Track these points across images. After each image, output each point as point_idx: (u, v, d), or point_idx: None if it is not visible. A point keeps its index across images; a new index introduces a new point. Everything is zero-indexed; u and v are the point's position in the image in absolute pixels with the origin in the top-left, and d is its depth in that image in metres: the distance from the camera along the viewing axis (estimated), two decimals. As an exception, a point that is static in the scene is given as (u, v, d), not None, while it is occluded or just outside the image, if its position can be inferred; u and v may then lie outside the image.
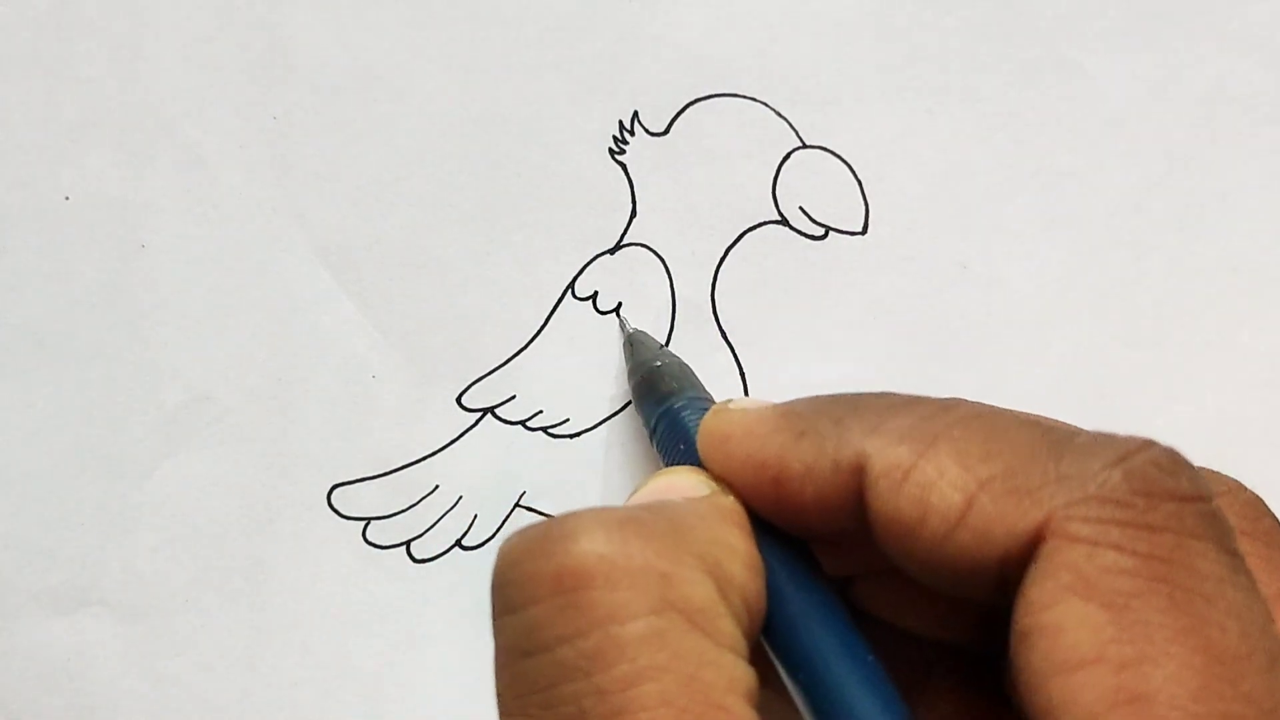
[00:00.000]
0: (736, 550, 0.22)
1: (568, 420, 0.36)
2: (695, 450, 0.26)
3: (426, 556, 0.36)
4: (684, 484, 0.25)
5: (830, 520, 0.23)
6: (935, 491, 0.21)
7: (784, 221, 0.36)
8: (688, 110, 0.36)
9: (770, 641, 0.23)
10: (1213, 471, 0.24)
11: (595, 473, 0.36)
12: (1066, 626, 0.19)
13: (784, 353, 0.36)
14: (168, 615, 0.35)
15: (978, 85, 0.36)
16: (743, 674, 0.21)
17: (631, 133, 0.36)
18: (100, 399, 0.35)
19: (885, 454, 0.22)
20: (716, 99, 0.36)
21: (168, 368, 0.35)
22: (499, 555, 0.22)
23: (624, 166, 0.36)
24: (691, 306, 0.36)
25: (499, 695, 0.22)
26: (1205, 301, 0.37)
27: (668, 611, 0.20)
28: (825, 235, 0.36)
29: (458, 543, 0.36)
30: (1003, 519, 0.21)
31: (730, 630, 0.21)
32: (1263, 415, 0.37)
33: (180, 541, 0.35)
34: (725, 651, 0.21)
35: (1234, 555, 0.20)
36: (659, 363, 0.32)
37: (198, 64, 0.35)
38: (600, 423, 0.36)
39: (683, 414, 0.29)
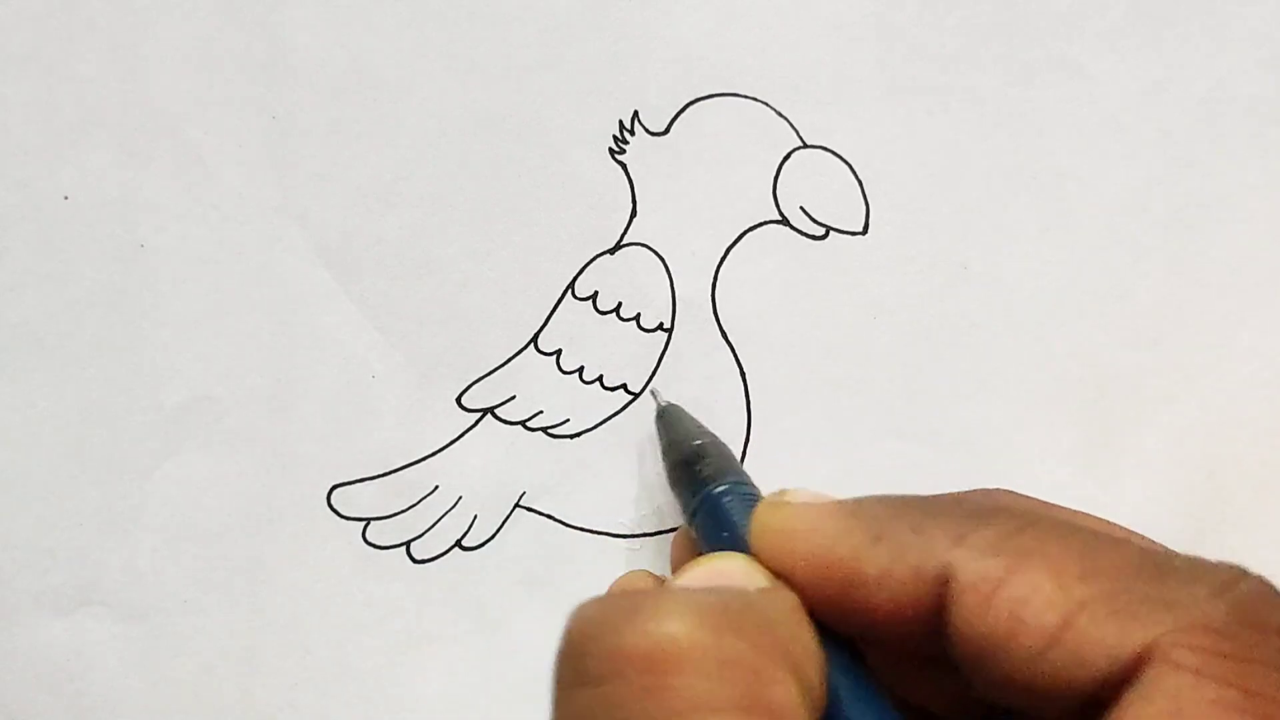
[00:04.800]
0: (809, 650, 0.22)
1: (568, 420, 0.36)
2: (741, 539, 0.26)
3: (426, 557, 0.36)
4: (737, 572, 0.24)
5: (897, 627, 0.23)
6: (1028, 609, 0.21)
7: (784, 221, 0.36)
8: (688, 110, 0.36)
9: None
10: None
11: (595, 473, 0.36)
12: None
13: (784, 353, 0.36)
14: (168, 615, 0.35)
15: (978, 85, 0.36)
16: None
17: (631, 132, 0.36)
18: (100, 399, 0.35)
19: (972, 566, 0.22)
20: (716, 99, 0.36)
21: (168, 368, 0.35)
22: (573, 621, 0.21)
23: (624, 166, 0.36)
24: (692, 306, 0.36)
25: None
26: (1205, 301, 0.37)
27: (755, 710, 0.19)
28: (826, 235, 0.36)
29: (457, 543, 0.36)
30: (1102, 641, 0.20)
31: None
32: (1263, 415, 0.37)
33: (180, 542, 0.35)
34: None
35: None
36: (698, 442, 0.32)
37: (198, 64, 0.35)
38: (600, 423, 0.36)
39: (724, 500, 0.29)
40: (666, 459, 0.33)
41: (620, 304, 0.36)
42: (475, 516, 0.36)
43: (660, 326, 0.36)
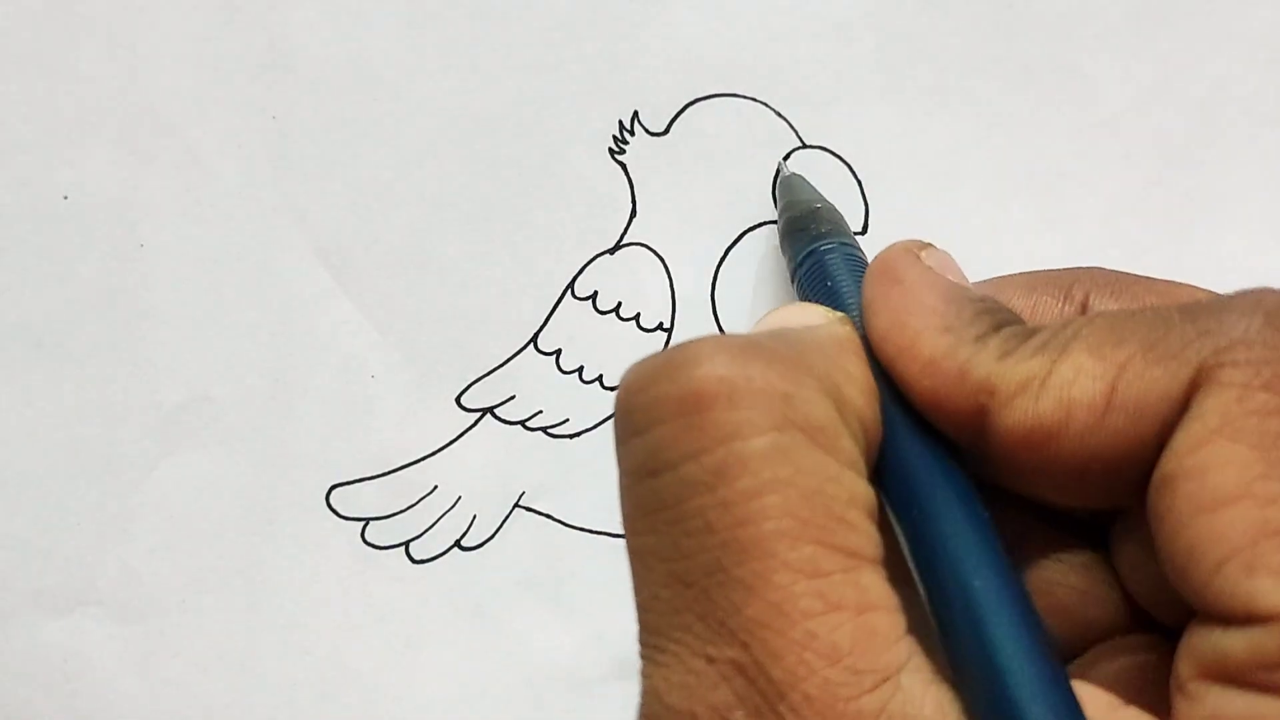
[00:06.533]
0: (853, 376, 0.23)
1: (567, 420, 0.36)
2: (837, 293, 0.27)
3: (425, 557, 0.36)
4: (806, 315, 0.25)
5: (941, 419, 0.23)
6: (1076, 388, 0.22)
7: (784, 221, 0.36)
8: (688, 110, 0.36)
9: (882, 482, 0.23)
10: None
11: (595, 473, 0.36)
12: (1212, 467, 0.20)
13: (784, 353, 0.36)
14: (165, 616, 0.35)
15: (977, 86, 0.36)
16: (863, 490, 0.21)
17: (631, 133, 0.36)
18: (98, 399, 0.35)
19: (1015, 372, 0.22)
20: (716, 99, 0.36)
21: (166, 368, 0.35)
22: (623, 383, 0.22)
23: (624, 166, 0.36)
24: (691, 306, 0.36)
25: (626, 518, 0.22)
26: (1204, 302, 0.37)
27: (790, 429, 0.21)
28: (825, 235, 0.36)
29: (456, 543, 0.36)
30: (1152, 389, 0.21)
31: (850, 448, 0.22)
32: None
33: (178, 542, 0.35)
34: (845, 469, 0.21)
35: None
36: (818, 205, 0.32)
37: (197, 63, 0.35)
38: (600, 423, 0.36)
39: (828, 257, 0.29)
40: (781, 216, 0.33)
41: (620, 304, 0.36)
42: (474, 516, 0.36)
43: (660, 326, 0.36)
